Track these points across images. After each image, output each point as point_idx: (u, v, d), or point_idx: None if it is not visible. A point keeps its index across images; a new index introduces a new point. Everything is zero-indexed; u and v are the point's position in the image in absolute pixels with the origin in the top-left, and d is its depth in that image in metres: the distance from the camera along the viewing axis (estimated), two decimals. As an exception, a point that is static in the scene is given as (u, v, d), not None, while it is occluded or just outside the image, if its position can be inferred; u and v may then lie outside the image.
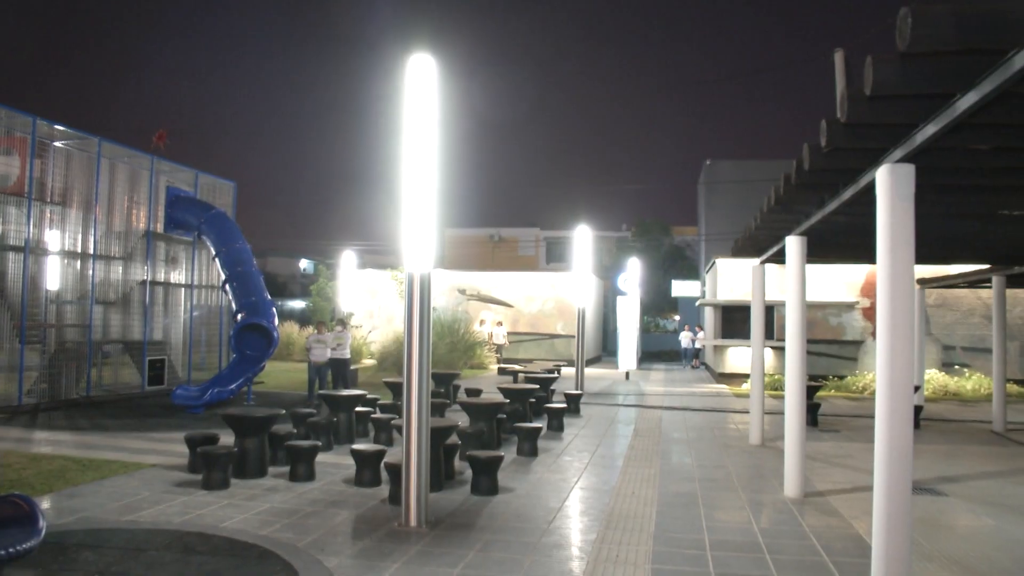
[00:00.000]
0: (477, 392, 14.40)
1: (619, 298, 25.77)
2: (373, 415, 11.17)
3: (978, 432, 13.11)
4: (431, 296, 6.81)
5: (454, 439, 8.88)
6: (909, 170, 4.59)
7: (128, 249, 16.34)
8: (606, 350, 36.99)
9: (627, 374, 24.37)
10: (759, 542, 6.25)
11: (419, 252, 6.61)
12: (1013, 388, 19.17)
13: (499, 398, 11.48)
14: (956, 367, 21.22)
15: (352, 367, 17.50)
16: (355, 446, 8.44)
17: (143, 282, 16.30)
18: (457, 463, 8.75)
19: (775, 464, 9.19)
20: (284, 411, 9.97)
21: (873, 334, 20.14)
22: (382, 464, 8.02)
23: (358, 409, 11.23)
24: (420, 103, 6.65)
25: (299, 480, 8.14)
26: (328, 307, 29.18)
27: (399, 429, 8.17)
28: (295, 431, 9.75)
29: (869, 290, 21.76)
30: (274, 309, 14.96)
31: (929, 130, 4.16)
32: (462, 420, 10.46)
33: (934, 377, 19.68)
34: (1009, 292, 16.97)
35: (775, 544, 6.21)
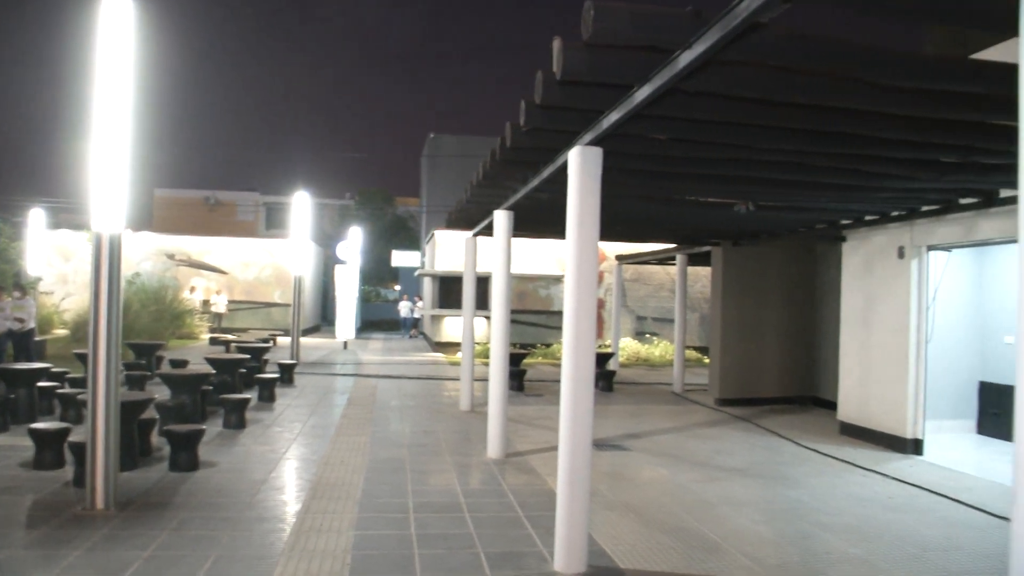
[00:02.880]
0: (183, 363, 13.62)
1: (337, 267, 25.48)
2: (59, 390, 10.15)
3: (661, 393, 14.64)
4: (129, 259, 6.30)
5: (152, 413, 8.34)
6: (597, 153, 4.99)
7: None
8: (325, 319, 36.46)
9: (345, 343, 24.25)
10: (460, 502, 6.54)
11: (109, 210, 6.07)
12: (692, 354, 21.65)
13: (206, 369, 10.92)
14: (647, 335, 23.54)
15: (38, 338, 15.74)
16: (35, 425, 7.62)
17: None
18: (156, 439, 8.23)
19: (481, 428, 9.63)
20: (-55, 388, 8.78)
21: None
22: (66, 444, 7.34)
23: (41, 384, 10.14)
24: (114, 45, 6.06)
25: (-38, 465, 7.21)
26: (10, 271, 25.86)
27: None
28: (-40, 410, 8.61)
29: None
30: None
31: (613, 117, 4.54)
32: (164, 393, 9.83)
33: (628, 345, 21.67)
34: (691, 269, 19.06)
35: (475, 503, 6.53)
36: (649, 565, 5.18)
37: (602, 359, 15.17)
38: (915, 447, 9.14)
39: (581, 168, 4.95)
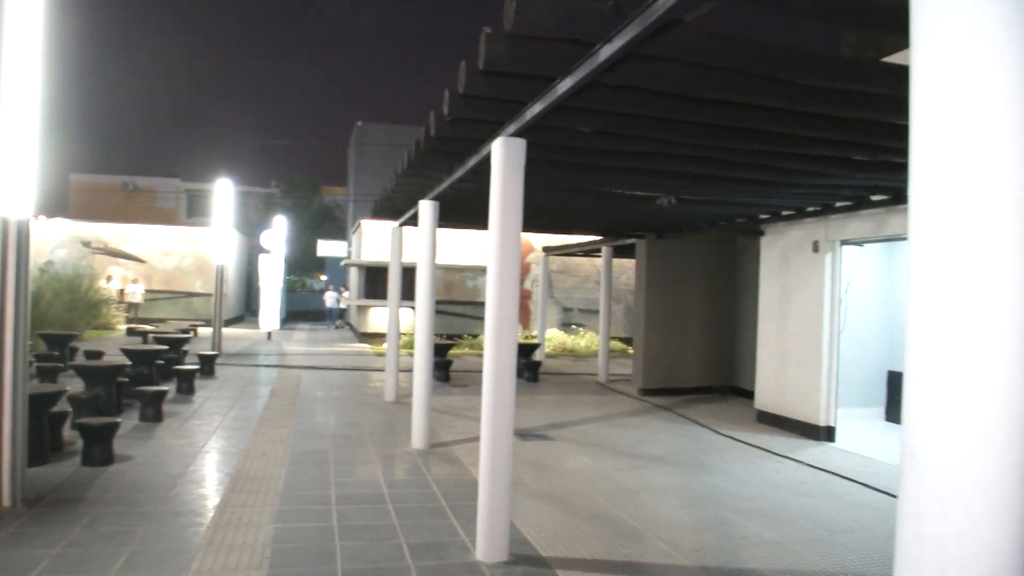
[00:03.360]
0: (98, 354, 13.19)
1: (262, 256, 25.01)
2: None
3: (586, 383, 14.82)
4: (42, 246, 6.07)
5: (64, 406, 8.07)
6: (520, 144, 5.01)
7: None
8: (249, 309, 35.77)
9: (269, 334, 23.84)
10: (384, 493, 6.52)
11: (17, 194, 5.82)
12: (617, 345, 21.99)
13: (122, 360, 10.61)
14: (573, 326, 23.77)
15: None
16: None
17: None
18: (68, 432, 7.97)
19: (406, 419, 9.59)
20: None
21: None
22: (-30, 438, 7.04)
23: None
24: (22, 19, 5.79)
25: None
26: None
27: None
28: None
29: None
30: None
31: (536, 108, 4.57)
32: (77, 386, 9.52)
33: (554, 335, 21.84)
34: (617, 261, 19.32)
35: (399, 493, 6.52)
36: (571, 552, 5.25)
37: (528, 350, 15.27)
38: (828, 434, 9.47)
39: (504, 159, 4.97)
